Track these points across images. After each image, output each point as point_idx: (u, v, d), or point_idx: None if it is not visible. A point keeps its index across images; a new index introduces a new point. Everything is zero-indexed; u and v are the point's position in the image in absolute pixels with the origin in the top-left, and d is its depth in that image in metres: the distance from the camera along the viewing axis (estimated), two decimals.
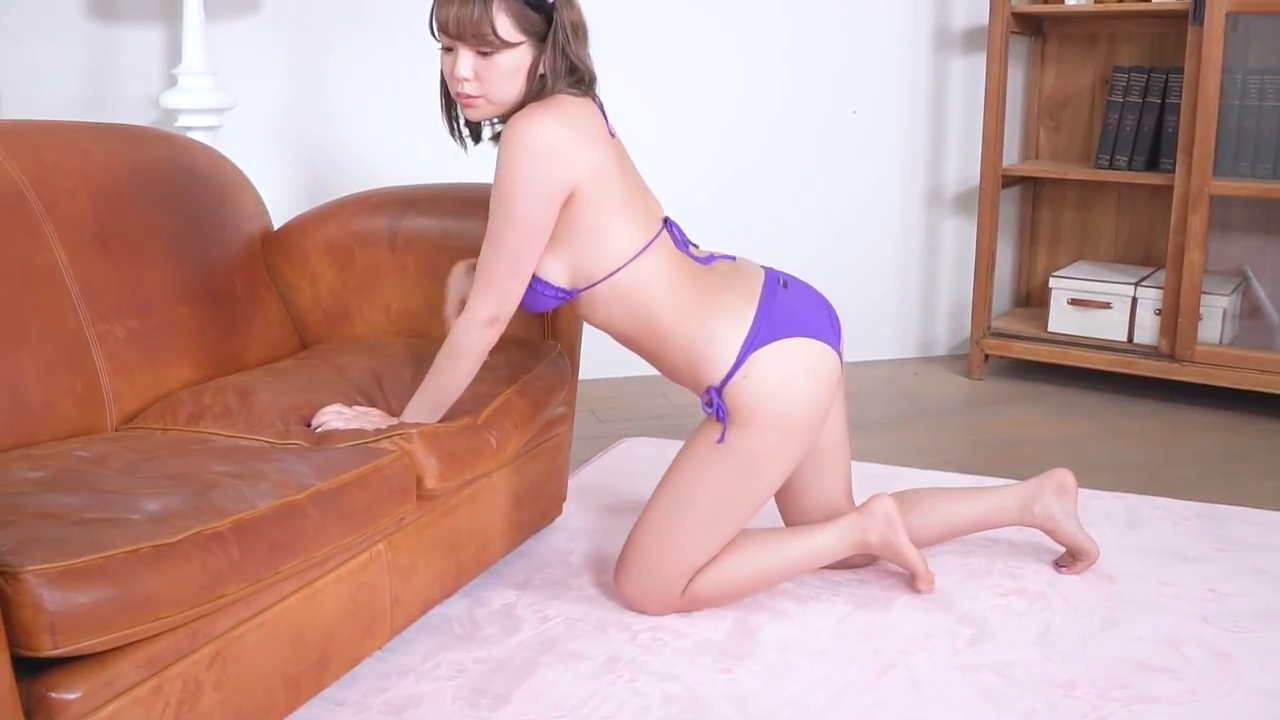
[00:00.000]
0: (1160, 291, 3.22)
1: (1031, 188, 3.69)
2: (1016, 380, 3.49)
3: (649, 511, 2.01)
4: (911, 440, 3.00)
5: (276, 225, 2.39)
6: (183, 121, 2.94)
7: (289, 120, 3.32)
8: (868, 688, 1.82)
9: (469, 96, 1.84)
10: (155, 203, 2.09)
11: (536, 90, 1.84)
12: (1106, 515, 2.47)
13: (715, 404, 1.92)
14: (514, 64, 1.82)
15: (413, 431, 1.79)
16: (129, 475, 1.55)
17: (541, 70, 1.84)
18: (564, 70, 1.85)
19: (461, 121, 1.97)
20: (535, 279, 1.91)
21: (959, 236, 3.74)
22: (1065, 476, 2.16)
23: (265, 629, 1.53)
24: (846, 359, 3.75)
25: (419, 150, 3.23)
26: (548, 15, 1.82)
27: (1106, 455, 2.88)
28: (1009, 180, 3.50)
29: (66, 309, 1.85)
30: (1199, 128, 3.04)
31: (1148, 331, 3.28)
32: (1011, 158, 3.63)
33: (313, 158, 3.33)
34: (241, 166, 2.41)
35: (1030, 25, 3.52)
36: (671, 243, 1.97)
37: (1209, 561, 2.26)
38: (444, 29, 1.81)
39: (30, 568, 1.24)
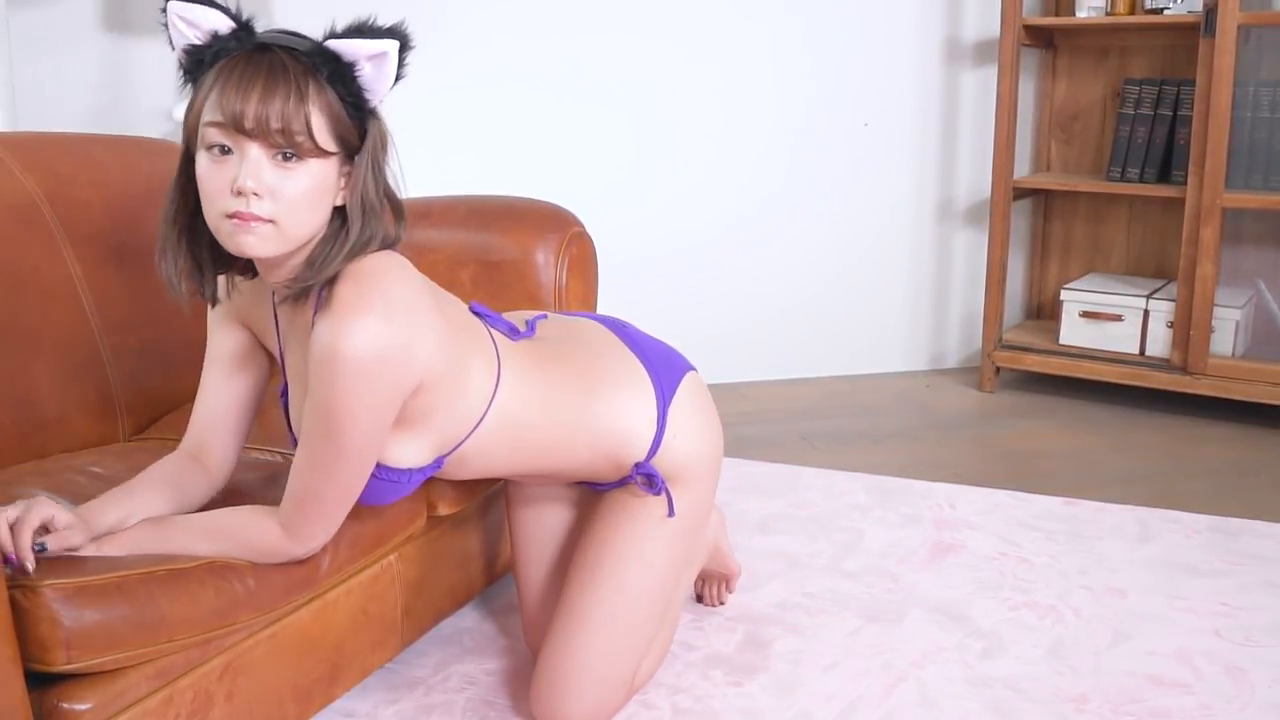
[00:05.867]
0: (1172, 304, 3.22)
1: (1043, 200, 3.69)
2: (1028, 393, 3.49)
3: (588, 621, 1.70)
4: (923, 453, 3.00)
5: None
6: None
7: None
8: (878, 701, 1.81)
9: (254, 218, 1.34)
10: None
11: (336, 237, 1.41)
12: (1118, 528, 2.46)
13: (656, 480, 1.69)
14: (321, 182, 1.38)
15: None
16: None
17: (340, 201, 1.41)
18: (374, 203, 1.43)
19: (203, 263, 1.47)
20: (387, 470, 1.54)
21: (970, 249, 3.73)
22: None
23: (276, 640, 1.53)
24: (859, 370, 3.77)
25: (431, 162, 3.24)
26: (362, 128, 1.42)
27: (1118, 468, 2.87)
28: (1020, 193, 3.49)
29: (80, 320, 1.86)
30: (1210, 140, 3.03)
31: (1160, 344, 3.27)
32: (1023, 170, 3.63)
33: None
34: None
35: (1041, 37, 3.51)
36: (504, 340, 1.64)
37: (1221, 575, 2.25)
38: (234, 122, 1.32)
39: (48, 582, 1.24)
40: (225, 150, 1.35)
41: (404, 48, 1.42)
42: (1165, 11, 3.23)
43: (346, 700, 1.78)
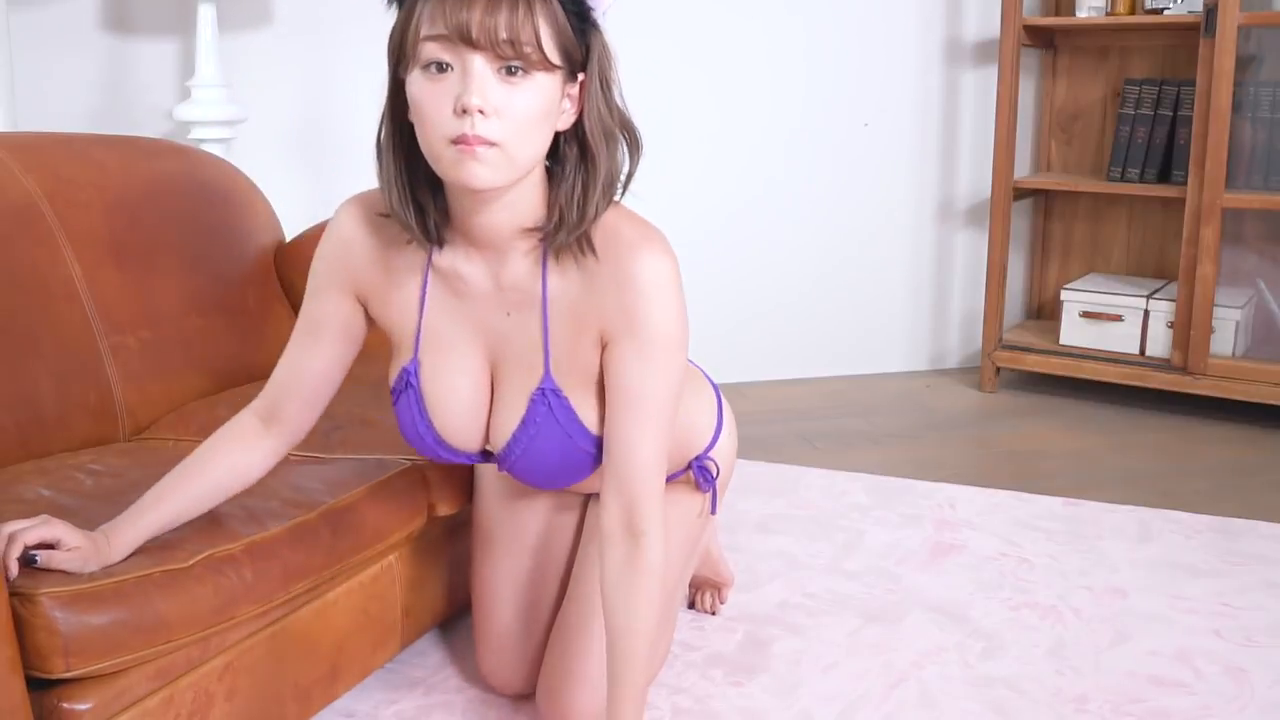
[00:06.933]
0: (1172, 304, 3.21)
1: (1043, 200, 3.69)
2: (1028, 393, 3.48)
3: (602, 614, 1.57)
4: (924, 453, 2.99)
5: (289, 237, 2.40)
6: (196, 134, 2.95)
7: (301, 132, 3.33)
8: (879, 701, 1.81)
9: (480, 141, 1.25)
10: (169, 215, 2.10)
11: (576, 171, 1.35)
12: (1118, 529, 2.46)
13: (710, 474, 1.71)
14: (548, 99, 1.29)
15: (421, 461, 1.76)
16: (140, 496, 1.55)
17: (562, 126, 1.34)
18: (612, 127, 1.38)
19: (418, 204, 1.39)
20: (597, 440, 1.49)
21: (970, 249, 3.73)
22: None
23: (276, 640, 1.53)
24: (859, 370, 3.77)
25: None
26: (585, 42, 1.34)
27: (1118, 468, 2.87)
28: (1020, 193, 3.49)
29: (80, 321, 1.86)
30: (1211, 140, 3.03)
31: (1160, 344, 3.27)
32: (1023, 170, 3.63)
33: (325, 169, 3.34)
34: (254, 178, 2.42)
35: (1041, 38, 3.51)
36: None
37: (1221, 575, 2.25)
38: (459, 32, 1.23)
39: (45, 590, 1.24)
40: (443, 67, 1.26)
41: None
42: (1165, 11, 3.23)
43: (346, 700, 1.78)
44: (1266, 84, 3.17)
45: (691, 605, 2.11)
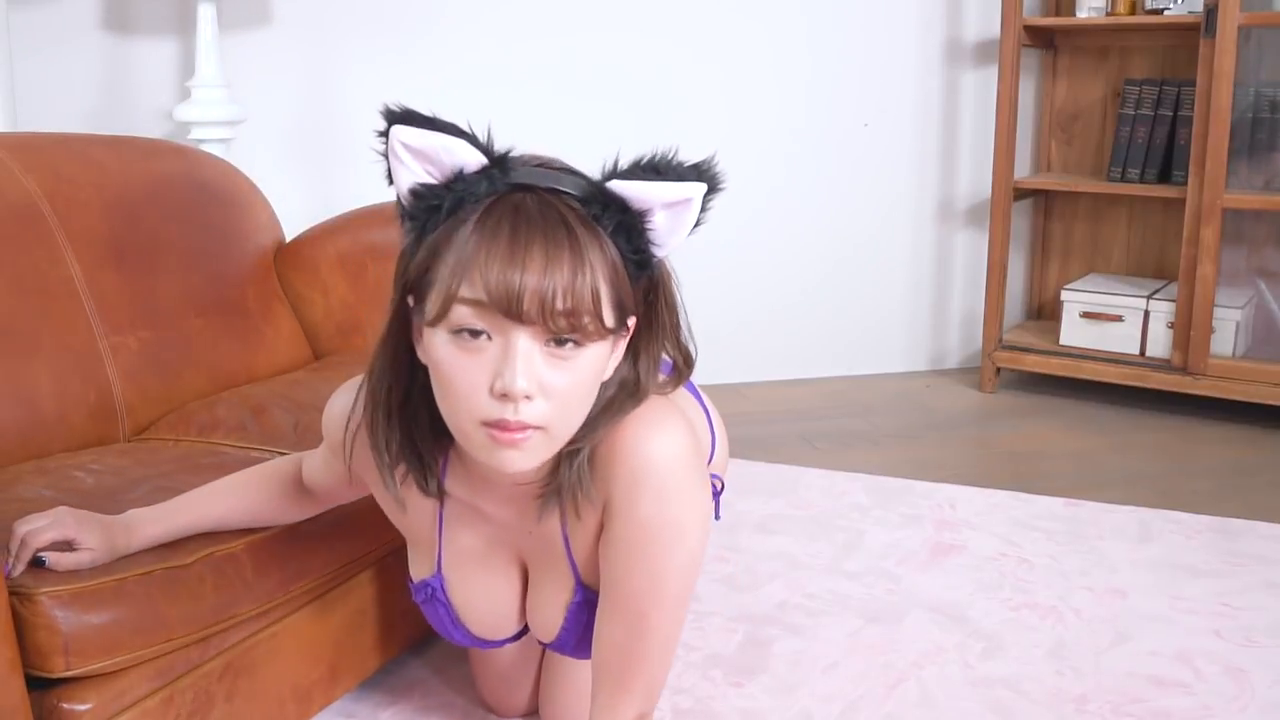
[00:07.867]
0: (1172, 304, 3.21)
1: (1043, 200, 3.69)
2: (1028, 393, 3.48)
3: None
4: (924, 453, 2.99)
5: (289, 237, 2.40)
6: (196, 134, 2.95)
7: (301, 132, 3.33)
8: (879, 701, 1.81)
9: (522, 428, 1.07)
10: (169, 215, 2.10)
11: (619, 405, 1.17)
12: (1119, 529, 2.46)
13: (716, 490, 1.57)
14: (598, 368, 1.11)
15: None
16: (141, 496, 1.55)
17: (611, 374, 1.17)
18: (656, 365, 1.23)
19: (424, 452, 1.23)
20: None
21: (970, 249, 3.73)
22: None
23: (276, 641, 1.53)
24: (859, 370, 3.77)
25: None
26: (638, 284, 1.17)
27: (1119, 469, 2.87)
28: (1021, 193, 3.49)
29: (80, 321, 1.86)
30: (1211, 140, 3.03)
31: (1160, 345, 3.27)
32: (1023, 170, 3.63)
33: (325, 170, 3.34)
34: (254, 178, 2.42)
35: (1042, 38, 3.51)
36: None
37: (1222, 576, 2.25)
38: (506, 304, 1.03)
39: (45, 589, 1.24)
40: (476, 332, 1.06)
41: (710, 191, 1.15)
42: (1165, 12, 3.23)
43: (346, 701, 1.78)
44: (1267, 84, 3.17)
45: None
